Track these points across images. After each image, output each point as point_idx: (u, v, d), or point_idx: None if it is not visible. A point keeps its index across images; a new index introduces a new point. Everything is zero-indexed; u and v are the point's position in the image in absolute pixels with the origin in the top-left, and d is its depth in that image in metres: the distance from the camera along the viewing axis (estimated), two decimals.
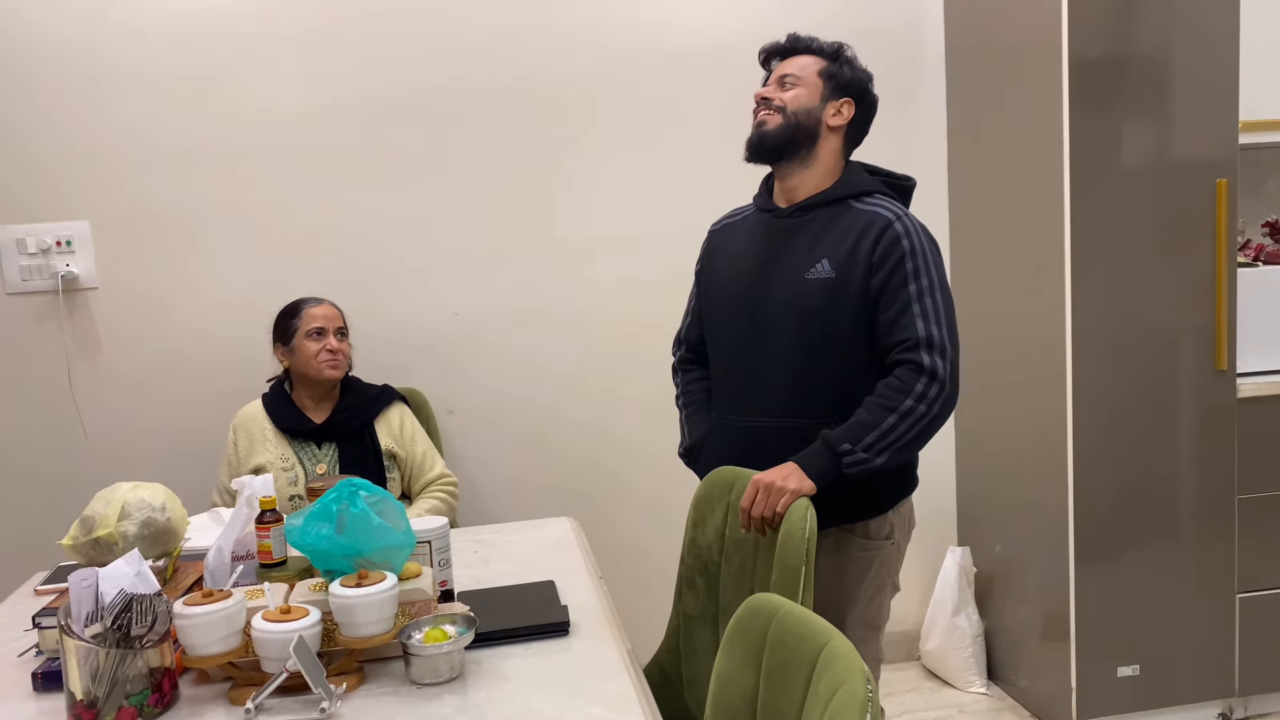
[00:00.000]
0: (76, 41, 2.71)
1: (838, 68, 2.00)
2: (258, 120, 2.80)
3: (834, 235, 1.93)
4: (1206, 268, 2.63)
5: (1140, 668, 2.71)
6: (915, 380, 1.85)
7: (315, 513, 1.62)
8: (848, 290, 1.90)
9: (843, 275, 1.90)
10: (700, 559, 1.98)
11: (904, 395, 1.84)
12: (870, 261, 1.89)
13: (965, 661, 3.05)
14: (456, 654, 1.54)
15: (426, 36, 2.85)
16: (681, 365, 2.25)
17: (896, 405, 1.84)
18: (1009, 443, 2.93)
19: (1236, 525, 2.71)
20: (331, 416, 2.55)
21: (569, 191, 2.96)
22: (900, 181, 2.06)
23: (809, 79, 1.99)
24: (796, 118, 1.97)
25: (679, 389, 2.23)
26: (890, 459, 1.85)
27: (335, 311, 2.60)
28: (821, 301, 1.90)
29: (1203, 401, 2.67)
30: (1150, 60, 2.56)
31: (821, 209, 1.98)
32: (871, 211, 1.94)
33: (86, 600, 1.45)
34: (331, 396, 2.59)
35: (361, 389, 2.64)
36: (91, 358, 2.81)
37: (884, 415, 1.84)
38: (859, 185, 1.99)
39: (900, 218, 1.92)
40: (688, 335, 2.24)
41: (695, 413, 2.16)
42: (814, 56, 2.01)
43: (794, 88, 1.98)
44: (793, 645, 1.26)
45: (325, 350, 2.53)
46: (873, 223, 1.92)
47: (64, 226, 2.76)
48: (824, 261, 1.92)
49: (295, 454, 2.52)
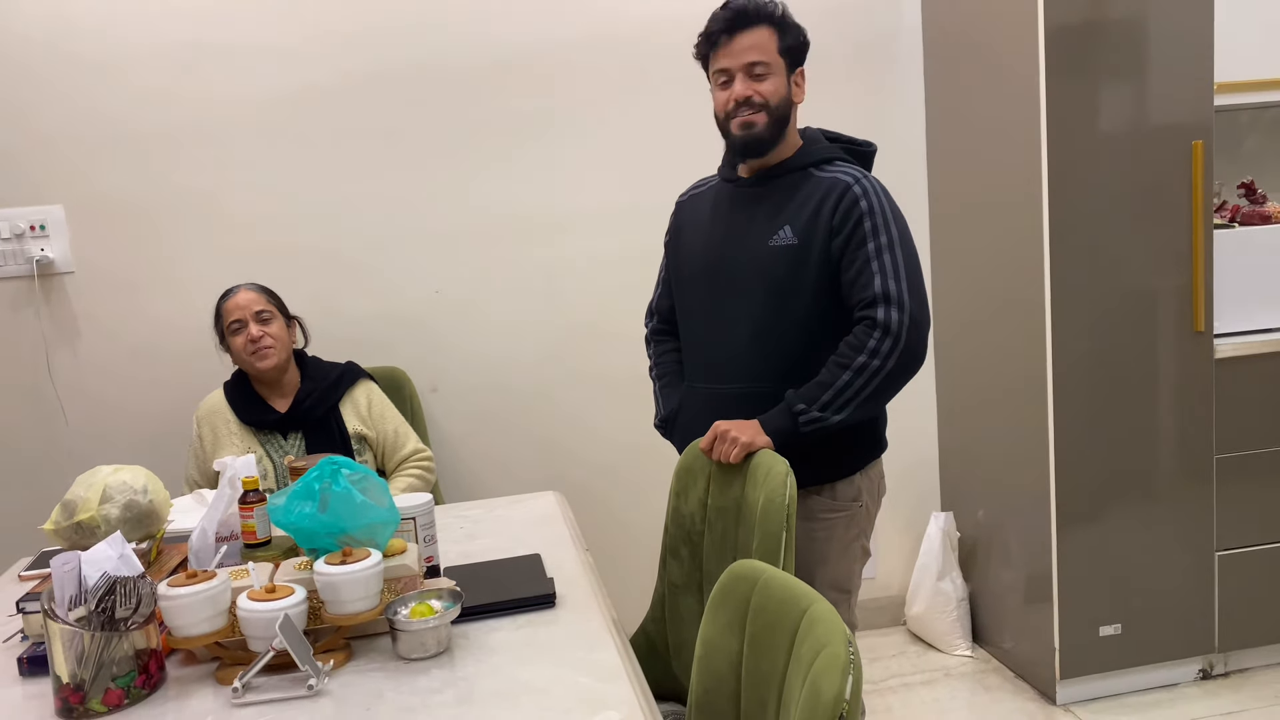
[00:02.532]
0: (48, 27, 2.67)
1: (792, 38, 1.95)
2: (232, 102, 2.78)
3: (796, 202, 1.94)
4: (1183, 230, 2.65)
5: (1122, 626, 2.74)
6: (869, 336, 1.86)
7: (298, 491, 1.62)
8: (810, 256, 1.91)
9: (805, 241, 1.91)
10: (683, 528, 2.00)
11: (858, 352, 1.86)
12: (831, 225, 1.90)
13: (950, 625, 3.08)
14: (443, 628, 1.55)
15: (403, 13, 2.82)
16: (654, 336, 2.25)
17: (850, 362, 1.86)
18: (991, 408, 2.95)
19: (1215, 484, 2.75)
20: (294, 405, 2.48)
21: (550, 167, 2.94)
22: (860, 147, 2.06)
23: (775, 62, 1.94)
24: (780, 110, 1.95)
25: (652, 360, 2.24)
26: (851, 415, 1.87)
27: (252, 295, 2.48)
28: (784, 268, 1.92)
29: (1181, 363, 2.69)
30: (1125, 24, 2.56)
31: (784, 177, 1.98)
32: (831, 178, 1.95)
33: (70, 584, 1.45)
34: (292, 383, 2.51)
35: (322, 372, 2.56)
36: (70, 342, 2.79)
37: (840, 373, 1.86)
38: (820, 153, 1.99)
39: (859, 180, 1.93)
40: (659, 306, 2.25)
41: (669, 384, 2.18)
42: (768, 29, 1.93)
43: (766, 77, 1.93)
44: (775, 610, 1.27)
45: (247, 340, 2.44)
46: (832, 188, 1.92)
47: (37, 210, 2.73)
48: (786, 228, 1.93)
49: (262, 447, 2.46)
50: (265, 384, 2.51)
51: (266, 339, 2.45)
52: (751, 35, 1.92)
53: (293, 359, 2.54)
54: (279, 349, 2.47)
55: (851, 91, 3.05)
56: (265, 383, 2.51)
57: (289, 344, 2.53)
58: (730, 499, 1.89)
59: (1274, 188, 3.11)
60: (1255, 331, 2.79)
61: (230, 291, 2.52)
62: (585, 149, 2.95)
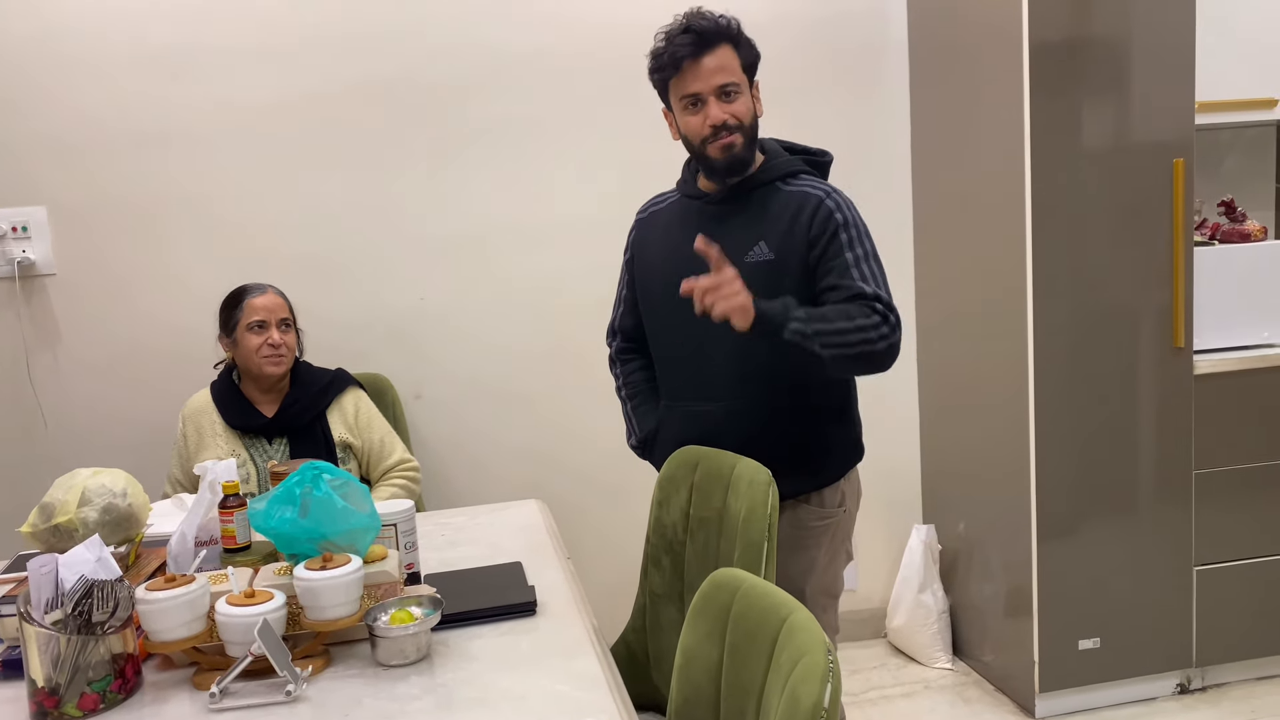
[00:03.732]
0: (34, 26, 2.66)
1: (749, 53, 1.95)
2: (218, 106, 2.77)
3: (769, 217, 1.95)
4: (1164, 247, 2.67)
5: (1100, 640, 2.76)
6: (873, 312, 1.86)
7: (279, 496, 1.62)
8: (787, 269, 1.92)
9: (781, 256, 1.92)
10: (665, 538, 2.00)
11: (863, 315, 1.85)
12: (808, 238, 1.91)
13: (931, 638, 3.09)
14: (423, 635, 1.54)
15: (387, 23, 2.83)
16: (620, 356, 2.23)
17: (854, 317, 1.84)
18: (972, 421, 2.96)
19: (1194, 500, 2.77)
20: (281, 410, 2.47)
21: (534, 176, 2.95)
22: (817, 157, 2.07)
23: (742, 81, 1.94)
24: (753, 128, 1.97)
25: (619, 380, 2.22)
26: (829, 358, 1.83)
27: (279, 301, 2.50)
28: (762, 283, 1.89)
29: (1161, 379, 2.71)
30: (1108, 43, 2.59)
31: (752, 192, 1.98)
32: (802, 192, 1.95)
33: (46, 587, 1.43)
34: (281, 388, 2.50)
35: (313, 377, 2.55)
36: (50, 345, 2.77)
37: (840, 318, 1.84)
38: (785, 167, 2.00)
39: (830, 194, 1.94)
40: (622, 325, 2.23)
41: (642, 403, 2.16)
42: (729, 48, 1.92)
43: (737, 97, 1.93)
44: (755, 619, 1.28)
45: (267, 344, 2.43)
46: (805, 202, 1.93)
47: (19, 212, 2.72)
48: (761, 244, 1.93)
49: (246, 450, 2.45)
50: (258, 386, 2.49)
51: (284, 348, 2.45)
52: (716, 56, 1.91)
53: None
54: (289, 359, 2.48)
55: (837, 105, 3.07)
56: (259, 385, 2.49)
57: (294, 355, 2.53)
58: (712, 509, 1.89)
59: (1253, 206, 3.15)
60: (1234, 348, 2.81)
61: (255, 288, 2.50)
62: (569, 159, 2.96)
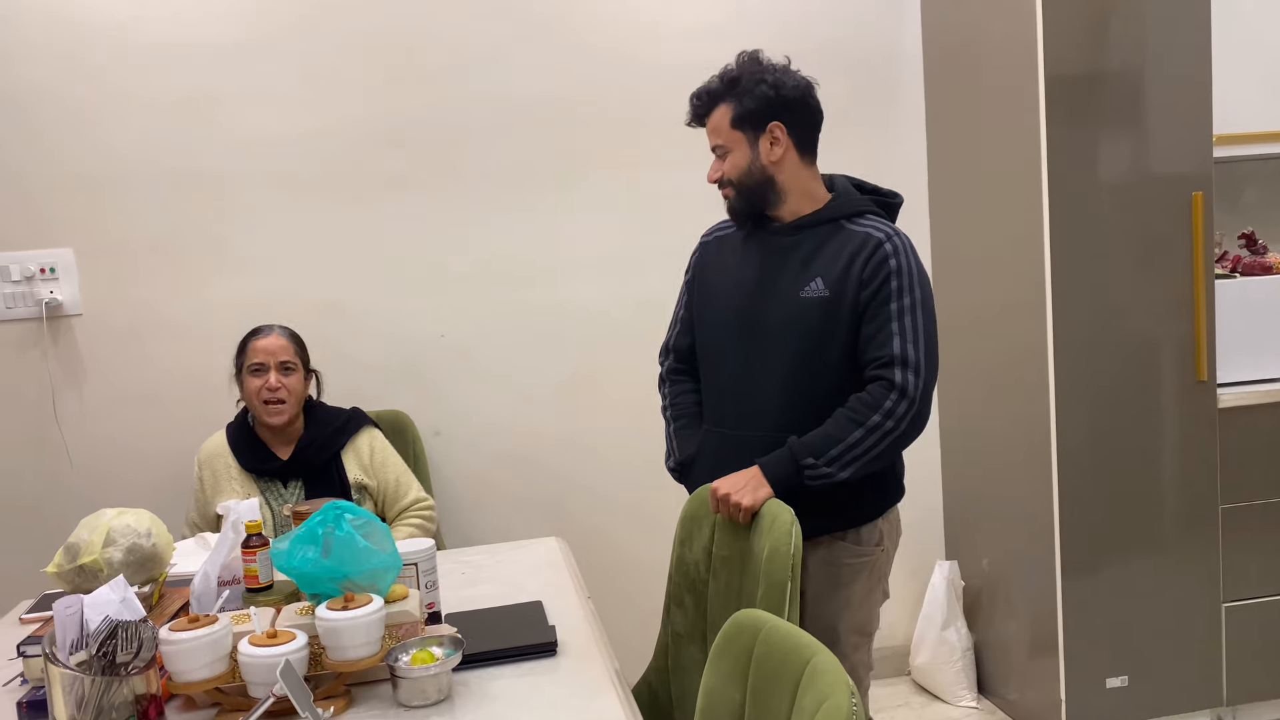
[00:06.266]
0: (62, 68, 2.72)
1: (741, 105, 1.98)
2: (240, 145, 2.81)
3: (827, 254, 1.96)
4: (1185, 280, 2.66)
5: (1129, 678, 2.71)
6: (885, 397, 1.88)
7: (301, 536, 1.62)
8: (841, 308, 1.92)
9: (836, 293, 1.93)
10: (688, 576, 1.99)
11: (873, 410, 1.88)
12: (860, 279, 1.92)
13: (955, 675, 3.05)
14: (444, 676, 1.54)
15: (409, 60, 2.87)
16: (670, 375, 2.24)
17: (864, 420, 1.87)
18: (994, 457, 2.94)
19: (1220, 535, 2.73)
20: (296, 453, 2.46)
21: (553, 214, 2.97)
22: (888, 198, 2.08)
23: (730, 137, 1.99)
24: (744, 182, 2.00)
25: (666, 400, 2.23)
26: (855, 473, 1.89)
27: (282, 343, 2.47)
28: (816, 319, 1.93)
29: (1184, 412, 2.69)
30: (1125, 75, 2.60)
31: (816, 228, 2.00)
32: (864, 232, 1.96)
33: (71, 628, 1.44)
34: (295, 430, 2.49)
35: (328, 418, 2.54)
36: (76, 384, 2.80)
37: (851, 429, 1.88)
38: (852, 206, 2.01)
39: (891, 237, 1.95)
40: (676, 344, 2.23)
41: (685, 426, 2.16)
42: (723, 106, 1.99)
43: (727, 155, 2.01)
44: (778, 660, 1.27)
45: (265, 388, 2.41)
46: (865, 242, 1.94)
47: (47, 254, 2.76)
48: (818, 280, 1.94)
49: (261, 494, 2.45)
50: (269, 430, 2.50)
51: (283, 391, 2.43)
52: (712, 119, 2.02)
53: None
54: (292, 404, 2.45)
55: (852, 138, 3.06)
56: (270, 429, 2.49)
57: (303, 397, 2.51)
58: (735, 548, 1.88)
59: (1275, 239, 3.13)
60: (1258, 381, 2.79)
61: (262, 331, 2.51)
62: (588, 197, 2.98)
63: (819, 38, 3.02)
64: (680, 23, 2.98)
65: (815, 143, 2.04)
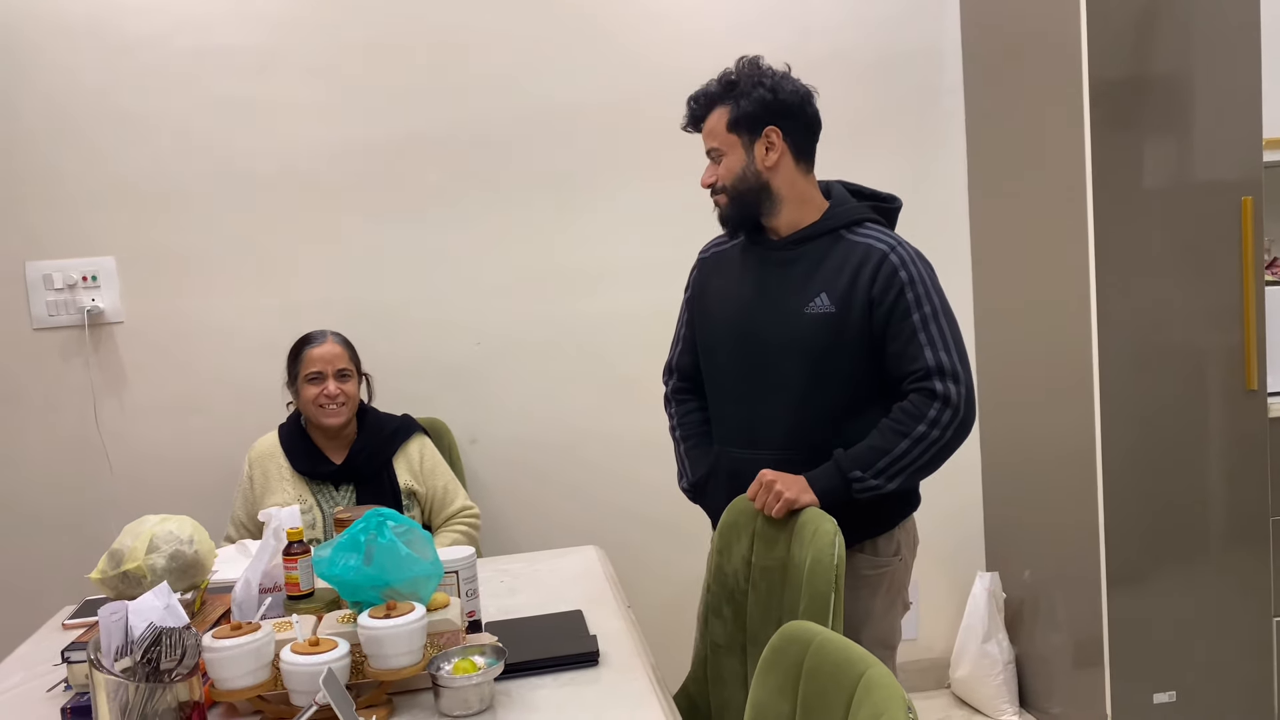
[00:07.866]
0: (104, 79, 2.75)
1: (737, 108, 1.94)
2: (280, 155, 2.83)
3: (830, 268, 1.92)
4: (1234, 287, 2.61)
5: (1177, 694, 2.66)
6: (929, 406, 1.85)
7: (343, 544, 1.62)
8: (847, 323, 1.89)
9: (842, 309, 1.89)
10: (726, 587, 1.96)
11: (918, 421, 1.85)
12: (870, 296, 1.88)
13: (996, 689, 3.00)
14: (486, 685, 1.53)
15: (444, 74, 2.87)
16: (675, 395, 2.21)
17: (909, 430, 1.85)
18: (1037, 467, 2.90)
19: (1271, 547, 2.67)
20: (350, 458, 2.49)
21: (590, 221, 2.97)
22: (886, 203, 2.04)
23: (726, 140, 1.95)
24: (737, 188, 1.96)
25: (674, 420, 2.20)
26: (903, 484, 1.87)
27: (338, 350, 2.50)
28: (822, 336, 1.89)
29: (1233, 422, 2.63)
30: (1171, 79, 2.55)
31: (815, 240, 1.96)
32: (866, 243, 1.92)
33: (116, 634, 1.44)
34: (348, 434, 2.52)
35: (380, 424, 2.57)
36: (117, 391, 2.83)
37: (897, 440, 1.85)
38: (850, 214, 1.97)
39: (895, 248, 1.91)
40: (679, 363, 2.21)
41: (695, 446, 2.14)
42: (719, 109, 1.96)
43: (721, 159, 1.97)
44: (830, 673, 1.24)
45: (323, 395, 2.45)
46: (869, 255, 1.90)
47: (90, 262, 2.79)
48: (822, 295, 1.91)
49: (313, 495, 2.47)
50: (323, 434, 2.52)
51: (341, 397, 2.46)
52: (708, 122, 1.98)
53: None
54: (349, 408, 2.49)
55: (892, 146, 3.06)
56: (324, 433, 2.51)
57: (357, 401, 2.54)
58: (775, 558, 1.86)
59: None
60: None
61: (316, 337, 2.53)
62: (628, 205, 2.97)
63: (858, 48, 3.00)
64: (722, 26, 2.96)
65: (813, 151, 2.00)
